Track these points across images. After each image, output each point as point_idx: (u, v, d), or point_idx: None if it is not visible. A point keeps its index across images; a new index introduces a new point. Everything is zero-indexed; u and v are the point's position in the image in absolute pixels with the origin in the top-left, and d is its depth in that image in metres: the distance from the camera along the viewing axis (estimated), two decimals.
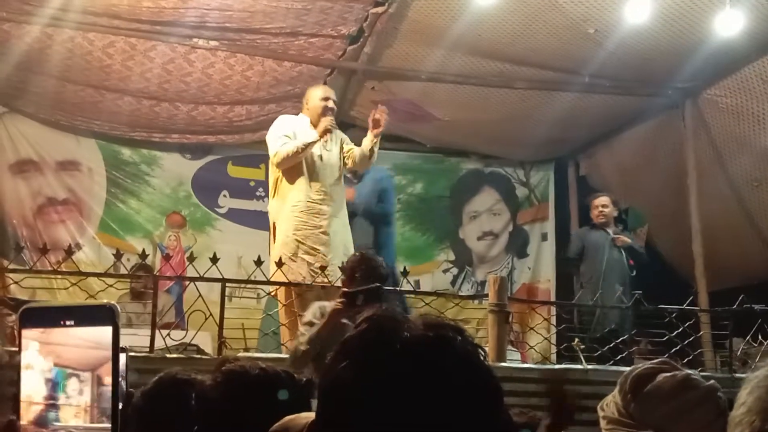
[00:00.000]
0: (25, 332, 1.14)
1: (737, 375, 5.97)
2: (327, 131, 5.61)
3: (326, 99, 5.76)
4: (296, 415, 1.51)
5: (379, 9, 6.29)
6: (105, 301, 1.29)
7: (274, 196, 5.81)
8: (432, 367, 0.99)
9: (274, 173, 5.80)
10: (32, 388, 1.13)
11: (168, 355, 5.12)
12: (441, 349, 1.01)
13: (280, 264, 5.36)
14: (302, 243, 5.58)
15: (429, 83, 7.51)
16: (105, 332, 1.13)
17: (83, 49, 6.75)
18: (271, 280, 5.52)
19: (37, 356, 1.13)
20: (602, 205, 7.49)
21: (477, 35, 6.53)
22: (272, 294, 5.82)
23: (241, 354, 4.98)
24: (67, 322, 1.13)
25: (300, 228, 5.59)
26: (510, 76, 7.27)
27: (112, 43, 6.70)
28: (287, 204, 5.66)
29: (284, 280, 5.40)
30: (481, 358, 1.05)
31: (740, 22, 5.92)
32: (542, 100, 7.67)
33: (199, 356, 5.25)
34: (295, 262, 5.54)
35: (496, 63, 7.07)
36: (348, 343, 1.06)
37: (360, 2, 6.23)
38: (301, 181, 5.66)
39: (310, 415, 1.29)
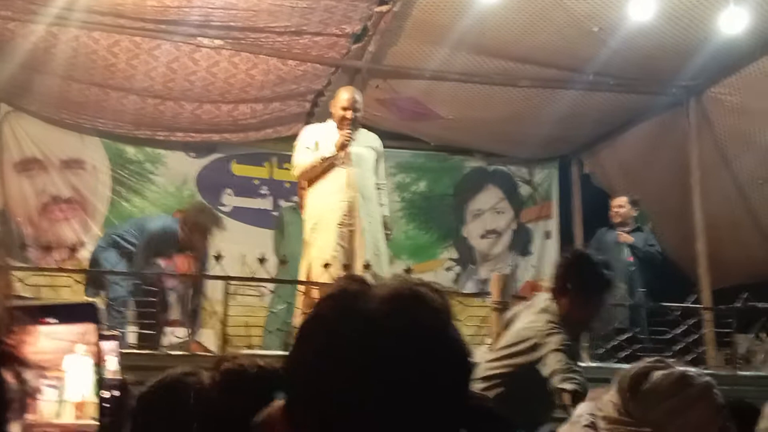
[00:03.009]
0: None
1: (740, 372, 5.98)
2: (344, 146, 5.56)
3: (345, 109, 5.65)
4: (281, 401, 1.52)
5: (384, 7, 6.29)
6: (87, 298, 1.30)
7: (305, 203, 5.81)
8: (388, 347, 0.99)
9: (300, 181, 5.81)
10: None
11: (171, 353, 5.15)
12: (397, 325, 1.00)
13: (327, 265, 5.32)
14: (335, 245, 5.52)
15: (433, 81, 7.51)
16: (90, 329, 1.13)
17: (88, 48, 6.76)
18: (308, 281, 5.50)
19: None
20: (618, 205, 7.57)
21: (481, 33, 6.54)
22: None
23: (245, 351, 5.00)
24: (51, 320, 1.13)
25: (329, 230, 5.54)
26: (514, 74, 7.27)
27: (117, 42, 6.71)
28: (315, 208, 5.64)
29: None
30: (440, 329, 1.03)
31: (744, 20, 5.92)
32: (546, 99, 7.67)
33: (202, 354, 5.28)
34: (333, 261, 5.49)
35: (500, 61, 7.07)
36: (308, 325, 1.06)
37: (364, 1, 6.24)
38: (329, 184, 5.63)
39: None
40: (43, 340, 1.12)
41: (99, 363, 1.15)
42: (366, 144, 5.80)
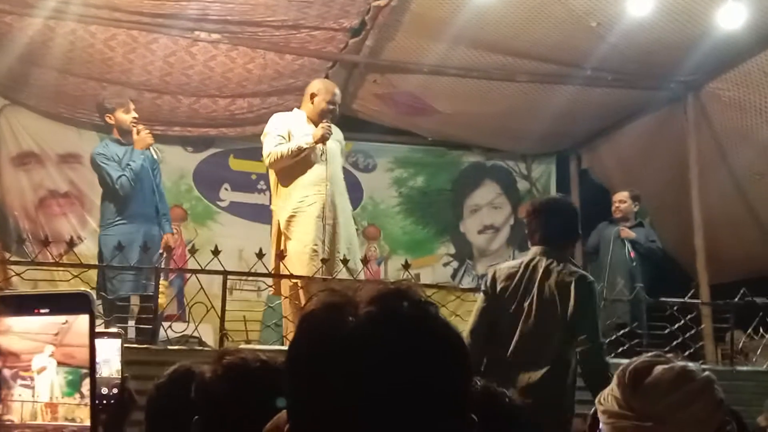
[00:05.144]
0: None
1: (738, 368, 5.99)
2: (324, 139, 5.46)
3: (333, 103, 5.57)
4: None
5: (381, 2, 6.28)
6: (81, 288, 1.28)
7: (277, 194, 5.71)
8: (379, 349, 0.99)
9: (272, 172, 5.73)
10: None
11: (170, 347, 5.15)
12: (385, 328, 1.00)
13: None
14: (315, 237, 5.47)
15: (431, 76, 7.51)
16: (82, 320, 1.11)
17: (85, 42, 6.75)
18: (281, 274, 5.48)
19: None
20: (619, 200, 7.58)
21: (479, 28, 6.53)
22: (273, 292, 5.80)
23: (243, 346, 5.00)
24: (42, 310, 1.12)
25: (309, 223, 5.48)
26: (512, 69, 7.26)
27: (114, 35, 6.69)
28: (293, 200, 5.57)
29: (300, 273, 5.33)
30: (430, 321, 1.04)
31: (743, 15, 5.92)
32: (544, 94, 7.66)
33: (200, 348, 5.28)
34: (314, 255, 5.45)
35: (498, 56, 7.06)
36: (297, 341, 1.06)
37: None
38: (304, 177, 5.55)
39: None
40: (15, 339, 1.10)
41: (92, 358, 1.13)
42: (335, 138, 5.70)
